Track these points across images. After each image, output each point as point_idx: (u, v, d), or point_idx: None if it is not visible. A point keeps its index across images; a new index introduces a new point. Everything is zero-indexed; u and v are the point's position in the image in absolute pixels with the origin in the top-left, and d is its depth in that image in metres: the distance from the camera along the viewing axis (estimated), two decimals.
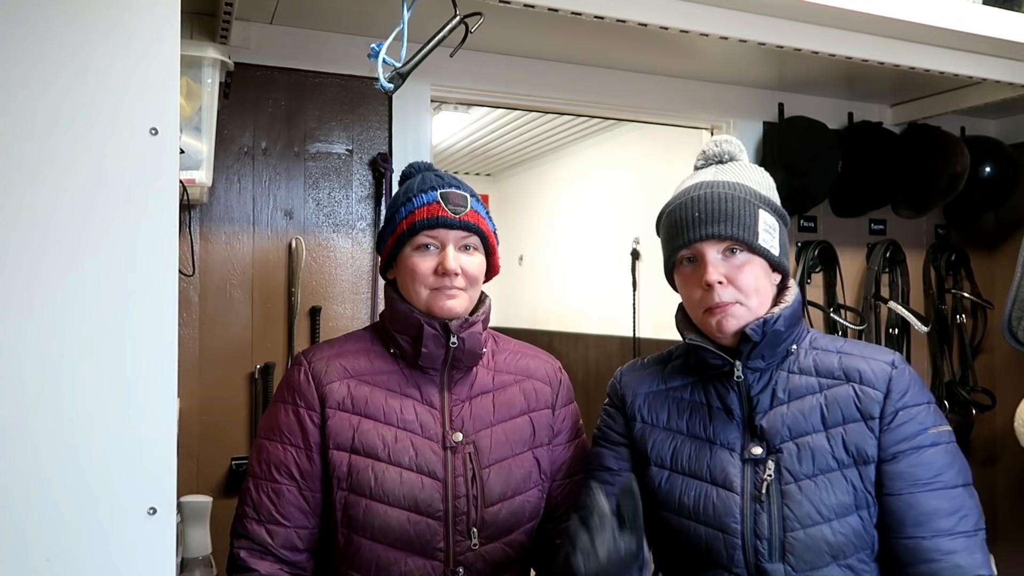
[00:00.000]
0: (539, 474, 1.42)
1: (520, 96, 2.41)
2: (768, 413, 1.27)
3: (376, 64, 1.32)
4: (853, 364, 1.27)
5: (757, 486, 1.23)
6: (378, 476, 1.30)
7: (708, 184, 1.28)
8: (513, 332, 1.88)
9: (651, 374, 1.41)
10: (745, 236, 1.23)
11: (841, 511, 1.20)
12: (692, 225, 1.25)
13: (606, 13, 1.63)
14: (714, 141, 1.38)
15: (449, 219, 1.33)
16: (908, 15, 1.76)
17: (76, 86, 0.99)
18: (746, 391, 1.28)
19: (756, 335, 1.24)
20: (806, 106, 2.73)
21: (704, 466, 1.28)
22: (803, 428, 1.24)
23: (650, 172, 4.16)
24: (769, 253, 1.26)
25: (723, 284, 1.24)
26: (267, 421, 1.39)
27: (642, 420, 1.37)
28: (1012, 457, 2.97)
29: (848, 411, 1.24)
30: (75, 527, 0.98)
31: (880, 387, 1.24)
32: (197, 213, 2.04)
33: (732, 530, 1.23)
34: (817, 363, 1.29)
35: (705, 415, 1.31)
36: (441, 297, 1.34)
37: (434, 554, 1.32)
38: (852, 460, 1.22)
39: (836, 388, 1.26)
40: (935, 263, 3.00)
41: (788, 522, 1.21)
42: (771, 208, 1.29)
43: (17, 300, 0.96)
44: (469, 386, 1.41)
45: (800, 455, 1.23)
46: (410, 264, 1.35)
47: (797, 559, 1.20)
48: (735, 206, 1.24)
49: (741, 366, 1.27)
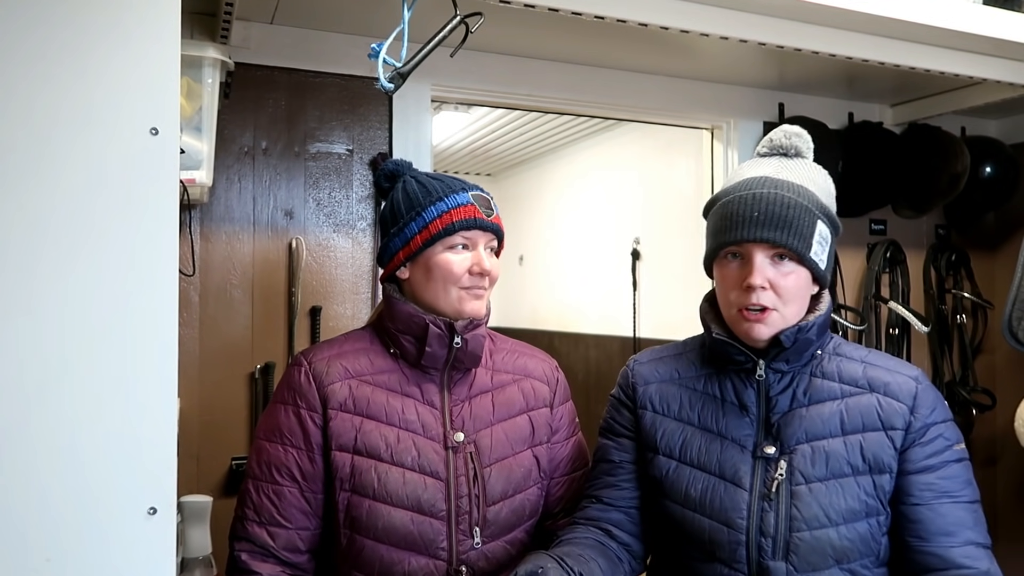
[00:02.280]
0: (539, 472, 1.43)
1: (520, 96, 2.41)
2: (786, 414, 1.27)
3: (376, 64, 1.32)
4: (878, 376, 1.27)
5: (767, 484, 1.23)
6: (381, 477, 1.30)
7: (771, 182, 1.23)
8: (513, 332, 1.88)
9: (665, 364, 1.40)
10: (798, 247, 1.20)
11: (850, 517, 1.21)
12: (748, 224, 1.21)
13: (606, 13, 1.63)
14: (784, 132, 1.31)
15: (485, 222, 1.36)
16: (908, 15, 1.76)
17: (76, 86, 0.99)
18: (765, 390, 1.28)
19: (788, 342, 1.23)
20: (806, 106, 2.73)
21: (714, 459, 1.28)
22: (820, 432, 1.24)
23: (650, 172, 4.16)
24: (816, 267, 1.23)
25: (765, 289, 1.21)
26: (267, 422, 1.39)
27: (652, 409, 1.36)
28: (1012, 457, 2.97)
29: (869, 420, 1.24)
30: (75, 527, 0.98)
31: (905, 400, 1.24)
32: (197, 213, 2.04)
33: (738, 525, 1.23)
34: (840, 370, 1.28)
35: (717, 409, 1.31)
36: (471, 299, 1.36)
37: (437, 553, 1.32)
38: (868, 468, 1.22)
39: (859, 396, 1.26)
40: (935, 263, 3.00)
41: (795, 522, 1.21)
42: (828, 219, 1.25)
43: (17, 300, 0.96)
44: (468, 386, 1.41)
45: (814, 458, 1.23)
46: (442, 263, 1.35)
47: (800, 559, 1.20)
48: (796, 213, 1.20)
49: (764, 365, 1.26)
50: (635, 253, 4.34)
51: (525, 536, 1.43)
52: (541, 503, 1.44)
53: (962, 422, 2.92)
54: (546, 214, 5.52)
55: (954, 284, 3.03)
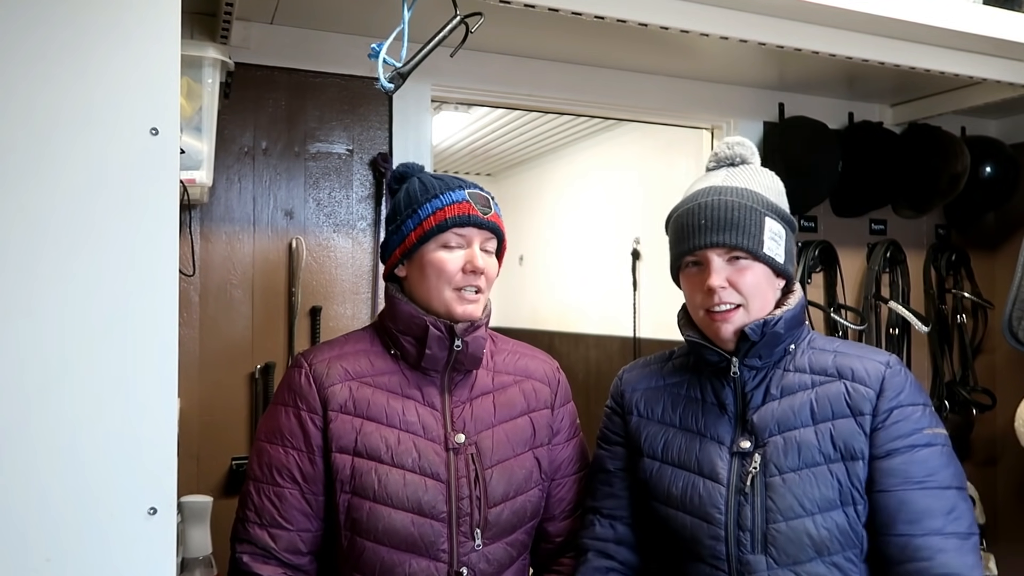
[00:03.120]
0: (539, 474, 1.43)
1: (520, 96, 2.41)
2: (760, 409, 1.29)
3: (376, 64, 1.32)
4: (847, 363, 1.29)
5: (742, 478, 1.26)
6: (382, 479, 1.30)
7: (717, 190, 1.30)
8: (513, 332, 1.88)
9: (651, 371, 1.46)
10: (749, 245, 1.26)
11: (825, 505, 1.22)
12: (698, 232, 1.28)
13: (606, 13, 1.63)
14: (726, 143, 1.38)
15: (480, 219, 1.34)
16: (908, 15, 1.76)
17: (76, 86, 0.99)
18: (741, 387, 1.31)
19: (755, 335, 1.27)
20: (806, 106, 2.73)
21: (693, 458, 1.31)
22: (792, 423, 1.26)
23: (650, 172, 4.16)
24: (773, 261, 1.28)
25: (725, 288, 1.27)
26: (267, 423, 1.38)
27: (638, 414, 1.42)
28: (1012, 457, 2.97)
29: (838, 407, 1.25)
30: (75, 527, 0.98)
31: (872, 385, 1.25)
32: (197, 213, 2.04)
33: (716, 520, 1.25)
34: (812, 361, 1.31)
35: (698, 409, 1.35)
36: (463, 301, 1.34)
37: (438, 555, 1.32)
38: (839, 455, 1.23)
39: (828, 384, 1.28)
40: (935, 263, 3.00)
41: (770, 514, 1.23)
42: (778, 215, 1.30)
43: (17, 300, 0.96)
44: (469, 387, 1.41)
45: (786, 448, 1.25)
46: (435, 260, 1.34)
47: (779, 551, 1.21)
48: (741, 215, 1.26)
49: (738, 363, 1.30)
50: (635, 253, 4.34)
51: (526, 537, 1.43)
52: (542, 504, 1.44)
53: (962, 422, 2.92)
54: (546, 214, 5.52)
55: (954, 284, 3.03)
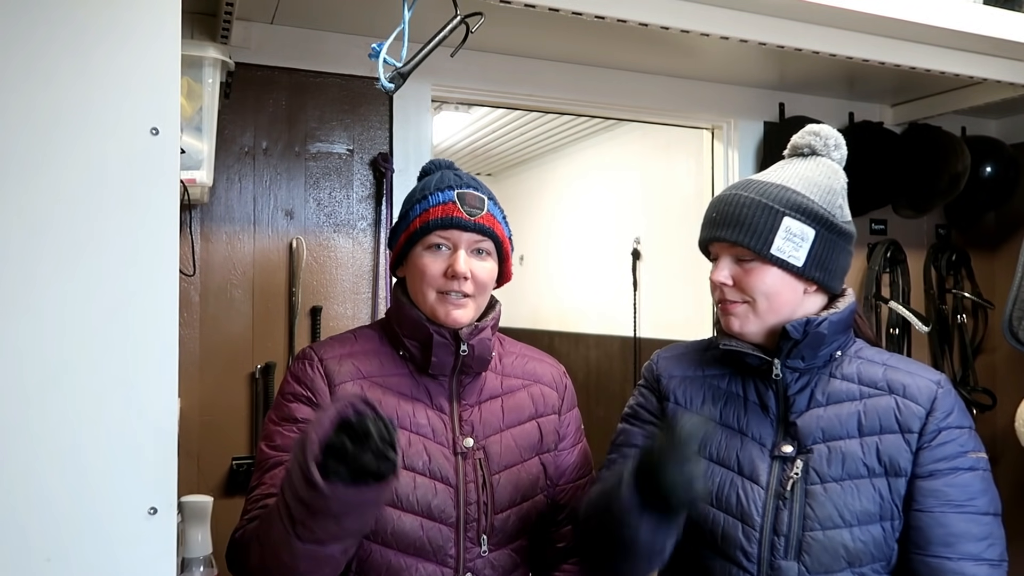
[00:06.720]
0: (545, 480, 1.41)
1: (520, 96, 2.41)
2: (804, 414, 1.26)
3: (377, 64, 1.32)
4: (898, 378, 1.26)
5: (783, 483, 1.23)
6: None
7: (744, 184, 1.29)
8: (514, 332, 1.88)
9: (689, 359, 1.40)
10: (752, 244, 1.23)
11: (864, 518, 1.20)
12: (709, 225, 1.29)
13: (607, 13, 1.63)
14: (805, 131, 1.35)
15: (463, 220, 1.30)
16: (908, 15, 1.76)
17: (76, 86, 0.99)
18: (784, 390, 1.28)
19: (796, 333, 1.23)
20: (807, 106, 2.73)
21: (733, 456, 1.28)
22: (838, 432, 1.24)
23: (651, 172, 4.16)
24: (786, 263, 1.23)
25: (729, 285, 1.26)
26: (276, 413, 1.33)
27: (675, 401, 1.36)
28: (1012, 457, 2.96)
29: (887, 421, 1.23)
30: (76, 527, 0.98)
31: (923, 403, 1.23)
32: (198, 213, 2.04)
33: (753, 522, 1.23)
34: (860, 372, 1.28)
35: (740, 407, 1.31)
36: (447, 305, 1.31)
37: (445, 560, 1.29)
38: (883, 470, 1.21)
39: (877, 398, 1.25)
40: (936, 263, 3.00)
41: (808, 521, 1.21)
42: (808, 216, 1.25)
43: (17, 300, 0.96)
44: (478, 391, 1.38)
45: (830, 457, 1.23)
46: (420, 264, 1.31)
47: (812, 560, 1.20)
48: (750, 212, 1.24)
49: (780, 364, 1.27)
50: (635, 253, 4.34)
51: (530, 543, 1.41)
52: (548, 511, 1.42)
53: None
54: (546, 214, 5.52)
55: (954, 284, 3.03)
